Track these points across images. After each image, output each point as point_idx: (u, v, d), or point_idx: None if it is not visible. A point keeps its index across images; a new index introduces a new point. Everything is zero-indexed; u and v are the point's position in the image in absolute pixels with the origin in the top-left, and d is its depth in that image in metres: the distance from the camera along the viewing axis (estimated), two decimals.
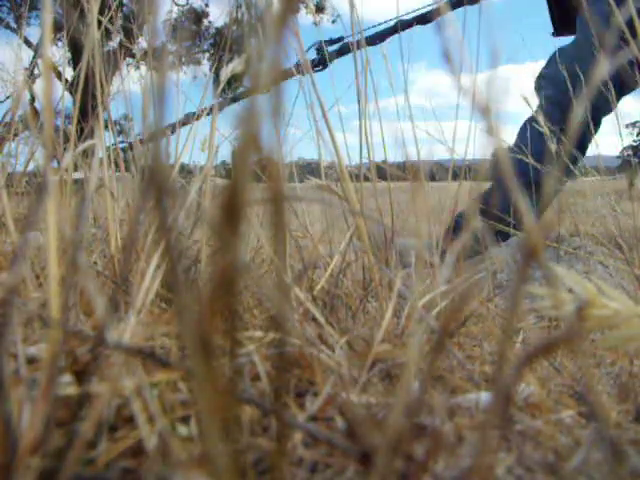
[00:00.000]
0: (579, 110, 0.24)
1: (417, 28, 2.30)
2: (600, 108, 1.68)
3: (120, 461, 0.28)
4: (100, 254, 0.70)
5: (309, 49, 2.33)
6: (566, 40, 2.02)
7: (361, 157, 0.74)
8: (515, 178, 0.22)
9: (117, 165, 0.77)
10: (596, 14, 1.05)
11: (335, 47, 2.47)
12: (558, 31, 2.18)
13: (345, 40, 2.40)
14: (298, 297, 0.48)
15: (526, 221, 0.22)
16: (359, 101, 0.73)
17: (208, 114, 0.76)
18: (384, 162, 0.80)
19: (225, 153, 0.73)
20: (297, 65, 0.76)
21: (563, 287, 0.31)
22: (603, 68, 0.26)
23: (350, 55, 0.74)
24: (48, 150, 0.29)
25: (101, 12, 0.71)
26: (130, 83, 0.87)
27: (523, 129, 1.88)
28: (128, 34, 0.94)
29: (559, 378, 0.49)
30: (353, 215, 0.64)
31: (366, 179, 0.74)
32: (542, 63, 1.99)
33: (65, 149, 0.75)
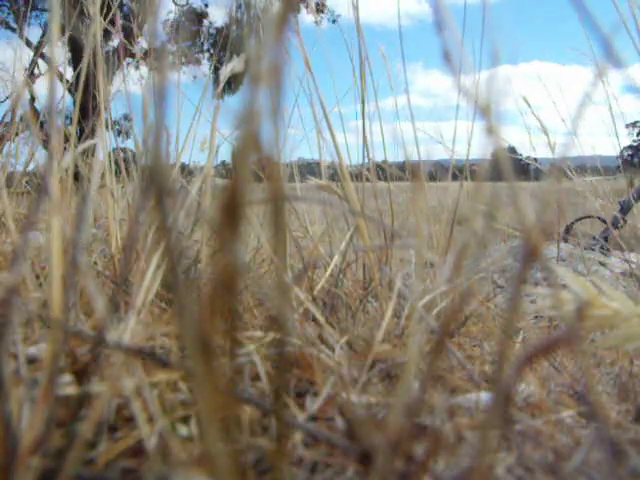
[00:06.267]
0: None
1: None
2: None
3: (120, 461, 0.28)
4: (100, 254, 0.70)
5: None
6: None
7: (363, 157, 0.74)
8: None
9: (118, 165, 0.77)
10: None
11: None
12: None
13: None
14: (298, 297, 0.48)
15: (526, 221, 0.22)
16: (362, 101, 0.73)
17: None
18: (384, 162, 0.80)
19: (225, 153, 0.73)
20: None
21: (563, 287, 0.31)
22: None
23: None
24: (52, 151, 0.29)
25: (101, 12, 0.71)
26: (130, 83, 0.87)
27: None
28: (128, 34, 0.94)
29: (559, 378, 0.49)
30: (353, 215, 0.64)
31: (366, 179, 0.74)
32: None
33: (65, 149, 0.75)
